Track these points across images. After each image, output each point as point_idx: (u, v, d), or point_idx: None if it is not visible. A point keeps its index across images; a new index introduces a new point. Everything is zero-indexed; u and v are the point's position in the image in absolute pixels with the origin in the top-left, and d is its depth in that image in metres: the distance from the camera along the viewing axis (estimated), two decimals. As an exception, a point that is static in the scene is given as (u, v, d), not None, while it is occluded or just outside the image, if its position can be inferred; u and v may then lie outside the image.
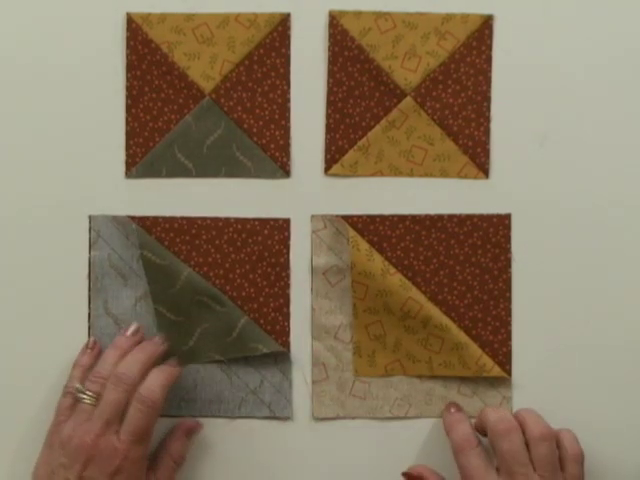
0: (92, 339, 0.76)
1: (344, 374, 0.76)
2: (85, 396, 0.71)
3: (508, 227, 0.76)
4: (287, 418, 0.76)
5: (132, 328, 0.75)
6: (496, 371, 0.75)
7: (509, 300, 0.76)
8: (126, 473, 0.69)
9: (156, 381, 0.71)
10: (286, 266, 0.77)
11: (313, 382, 0.76)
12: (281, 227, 0.76)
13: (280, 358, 0.76)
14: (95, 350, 0.75)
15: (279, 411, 0.76)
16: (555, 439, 0.71)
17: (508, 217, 0.76)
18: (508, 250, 0.76)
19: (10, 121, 0.76)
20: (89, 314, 0.76)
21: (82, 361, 0.74)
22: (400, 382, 0.76)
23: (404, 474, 0.74)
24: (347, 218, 0.76)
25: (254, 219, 0.76)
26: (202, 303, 0.75)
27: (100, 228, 0.76)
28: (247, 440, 0.76)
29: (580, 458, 0.71)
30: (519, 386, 0.76)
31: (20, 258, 0.76)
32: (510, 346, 0.75)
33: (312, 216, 0.76)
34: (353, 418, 0.76)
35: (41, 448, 0.72)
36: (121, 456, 0.69)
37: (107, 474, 0.69)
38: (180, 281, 0.75)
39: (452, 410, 0.75)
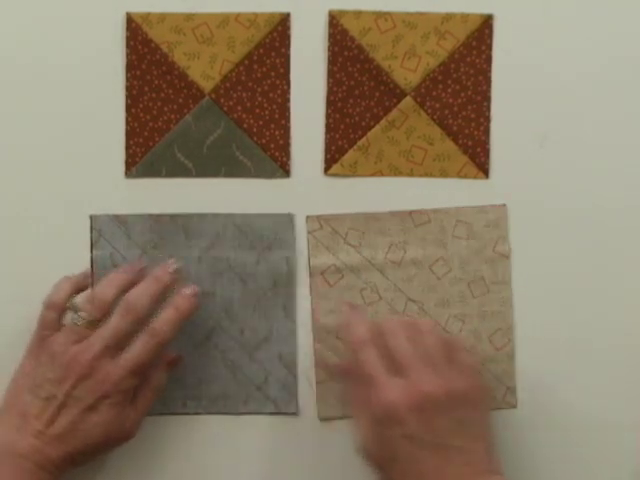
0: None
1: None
2: (80, 318, 0.70)
3: None
4: (293, 414, 0.76)
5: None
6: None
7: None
8: (113, 400, 0.69)
9: (169, 318, 0.70)
10: (287, 263, 0.77)
11: (317, 383, 0.76)
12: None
13: (285, 354, 0.76)
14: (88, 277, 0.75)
15: (285, 407, 0.76)
16: (437, 333, 0.69)
17: None
18: None
19: (10, 121, 0.76)
20: (92, 313, 0.77)
21: (73, 277, 0.74)
22: None
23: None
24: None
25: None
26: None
27: (101, 228, 0.76)
28: (253, 436, 0.76)
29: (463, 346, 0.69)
30: (522, 377, 0.76)
31: (22, 259, 0.76)
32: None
33: (307, 217, 0.76)
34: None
35: (22, 358, 0.71)
36: (113, 383, 0.68)
37: (95, 397, 0.68)
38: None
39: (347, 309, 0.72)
